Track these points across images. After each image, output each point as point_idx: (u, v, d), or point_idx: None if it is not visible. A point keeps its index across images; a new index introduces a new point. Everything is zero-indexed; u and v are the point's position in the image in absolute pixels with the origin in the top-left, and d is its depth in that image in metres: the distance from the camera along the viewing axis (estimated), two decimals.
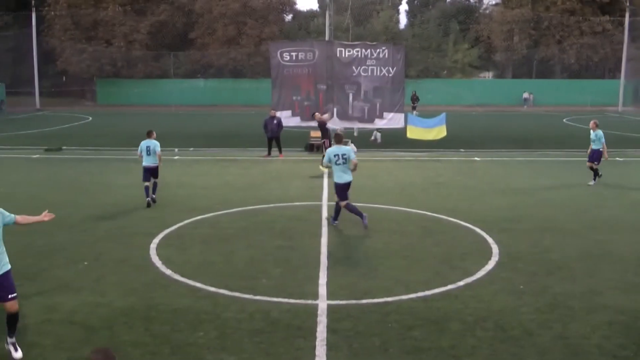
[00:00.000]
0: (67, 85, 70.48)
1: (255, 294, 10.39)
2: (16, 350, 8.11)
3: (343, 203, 14.61)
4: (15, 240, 13.66)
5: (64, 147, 29.73)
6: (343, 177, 14.51)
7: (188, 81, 68.91)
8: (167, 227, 14.69)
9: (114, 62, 65.80)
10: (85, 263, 12.19)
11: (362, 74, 28.08)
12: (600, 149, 20.10)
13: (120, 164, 24.85)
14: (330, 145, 21.36)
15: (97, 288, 10.75)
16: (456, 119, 33.67)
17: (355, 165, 14.45)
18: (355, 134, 32.35)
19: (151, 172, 17.16)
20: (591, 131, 20.39)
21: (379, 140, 31.94)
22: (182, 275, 11.26)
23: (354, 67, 28.08)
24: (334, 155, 14.42)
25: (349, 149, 14.74)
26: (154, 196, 17.23)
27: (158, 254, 12.63)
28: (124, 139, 32.86)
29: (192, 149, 23.72)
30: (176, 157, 25.59)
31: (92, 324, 9.18)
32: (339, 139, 14.97)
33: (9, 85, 58.87)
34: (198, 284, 10.88)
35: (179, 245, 13.32)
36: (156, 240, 13.63)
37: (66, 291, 10.60)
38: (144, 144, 17.15)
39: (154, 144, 17.15)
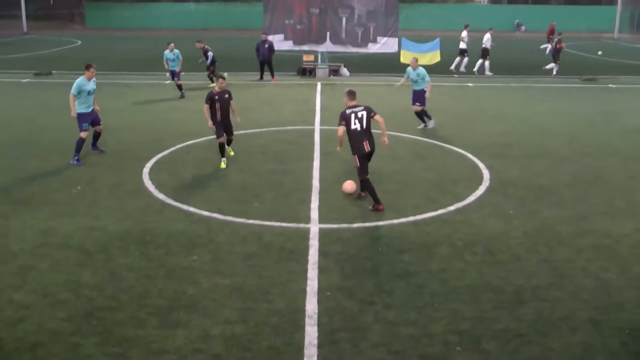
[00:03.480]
0: (54, 8, 68.92)
1: (248, 218, 10.53)
2: None
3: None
4: (9, 164, 13.76)
5: (54, 71, 29.36)
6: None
7: (179, 5, 67.40)
8: (160, 152, 14.74)
9: None
10: (79, 187, 12.25)
11: None
12: (424, 89, 17.45)
13: (111, 88, 24.58)
14: None
15: (92, 212, 10.86)
16: (450, 44, 33.21)
17: None
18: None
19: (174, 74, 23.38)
20: (410, 70, 17.64)
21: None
22: (176, 200, 11.38)
23: None
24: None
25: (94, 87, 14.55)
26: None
27: (151, 179, 12.71)
28: (114, 64, 32.46)
29: (183, 73, 23.46)
30: (167, 82, 25.33)
31: (88, 248, 9.32)
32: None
33: None
34: (191, 209, 11.00)
35: (171, 170, 13.39)
36: (149, 165, 13.70)
37: (61, 215, 10.71)
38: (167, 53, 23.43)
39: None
